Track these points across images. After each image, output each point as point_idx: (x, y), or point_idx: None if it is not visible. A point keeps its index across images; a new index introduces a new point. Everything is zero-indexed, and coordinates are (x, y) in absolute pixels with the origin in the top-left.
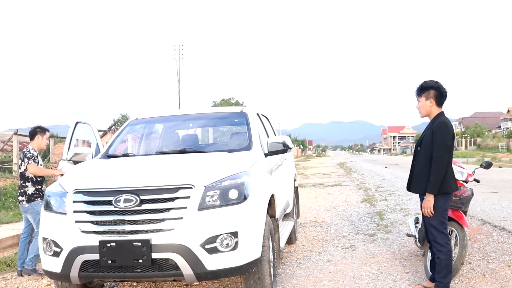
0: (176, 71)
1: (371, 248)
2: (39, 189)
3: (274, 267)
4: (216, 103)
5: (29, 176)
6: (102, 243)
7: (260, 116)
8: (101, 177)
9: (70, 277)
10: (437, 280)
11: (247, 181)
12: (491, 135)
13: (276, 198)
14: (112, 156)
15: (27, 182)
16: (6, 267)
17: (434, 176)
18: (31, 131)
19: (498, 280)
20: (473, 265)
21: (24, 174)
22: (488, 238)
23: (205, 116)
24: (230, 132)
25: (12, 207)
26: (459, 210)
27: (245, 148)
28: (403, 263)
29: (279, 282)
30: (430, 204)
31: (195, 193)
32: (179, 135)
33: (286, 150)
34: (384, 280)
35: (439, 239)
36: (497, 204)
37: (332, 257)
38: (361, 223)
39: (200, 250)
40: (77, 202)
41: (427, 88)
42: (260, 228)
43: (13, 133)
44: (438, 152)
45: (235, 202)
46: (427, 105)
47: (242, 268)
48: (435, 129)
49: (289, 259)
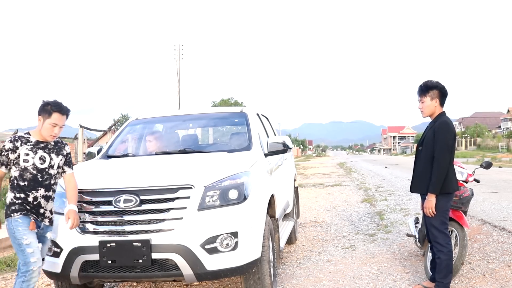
0: (176, 71)
1: (371, 248)
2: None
3: (274, 267)
4: (216, 103)
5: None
6: (102, 243)
7: (260, 116)
8: (101, 177)
9: (70, 277)
10: (437, 280)
11: (247, 181)
12: (491, 135)
13: (276, 198)
14: (112, 156)
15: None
16: (6, 267)
17: (436, 176)
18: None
19: (498, 280)
20: (473, 265)
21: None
22: (488, 238)
23: (205, 116)
24: (230, 132)
25: None
26: (459, 210)
27: (245, 148)
28: (403, 263)
29: (279, 282)
30: (431, 204)
31: (195, 193)
32: (179, 135)
33: (286, 150)
34: (384, 280)
35: (440, 239)
36: (497, 204)
37: (332, 257)
38: (361, 223)
39: (200, 250)
40: (77, 202)
41: (432, 88)
42: (260, 228)
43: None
44: (440, 152)
45: (235, 202)
46: (432, 105)
47: (242, 268)
48: (437, 129)
49: (289, 259)
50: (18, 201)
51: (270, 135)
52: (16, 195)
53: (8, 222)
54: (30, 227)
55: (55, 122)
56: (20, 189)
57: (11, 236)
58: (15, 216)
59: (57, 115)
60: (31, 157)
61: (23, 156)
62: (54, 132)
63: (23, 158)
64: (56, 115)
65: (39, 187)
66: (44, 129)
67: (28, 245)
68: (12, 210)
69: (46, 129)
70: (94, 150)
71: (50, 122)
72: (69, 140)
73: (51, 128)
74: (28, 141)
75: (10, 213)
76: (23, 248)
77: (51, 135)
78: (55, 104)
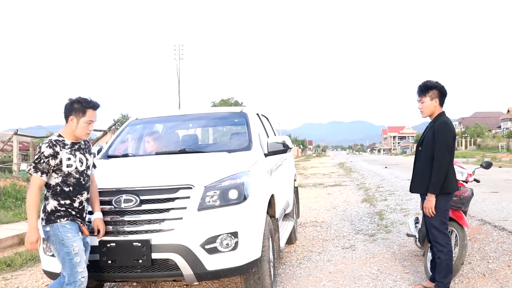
0: (176, 71)
1: (371, 248)
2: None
3: (274, 267)
4: (216, 103)
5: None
6: (102, 243)
7: (260, 116)
8: (101, 177)
9: None
10: (437, 280)
11: (247, 181)
12: (491, 135)
13: (276, 198)
14: (112, 156)
15: (47, 193)
16: (6, 267)
17: (436, 176)
18: (64, 108)
19: (498, 280)
20: (473, 265)
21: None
22: (488, 238)
23: (205, 116)
24: (230, 132)
25: (12, 207)
26: (459, 210)
27: (245, 148)
28: (403, 263)
29: (279, 282)
30: (431, 204)
31: (195, 193)
32: (179, 135)
33: (286, 150)
34: (384, 280)
35: (440, 239)
36: (497, 204)
37: (332, 257)
38: (361, 223)
39: (200, 250)
40: None
41: (431, 88)
42: (260, 228)
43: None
44: (440, 152)
45: (235, 202)
46: (432, 105)
47: (242, 268)
48: (437, 129)
49: (289, 259)
50: (62, 208)
51: (270, 135)
52: (61, 202)
53: (53, 228)
54: (84, 233)
55: (90, 119)
56: (66, 195)
57: (59, 243)
58: (63, 221)
59: (91, 112)
60: (73, 161)
61: (66, 161)
62: (89, 130)
63: (66, 163)
64: (90, 112)
65: (83, 191)
66: (79, 129)
67: (76, 254)
68: (57, 216)
69: (81, 128)
70: (94, 150)
71: (86, 120)
72: None
73: (87, 126)
74: (65, 144)
75: (56, 219)
76: (71, 257)
77: (87, 133)
78: (85, 101)
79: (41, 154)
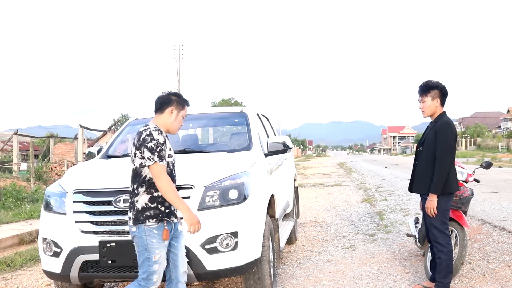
0: (176, 71)
1: (371, 248)
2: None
3: (274, 267)
4: (216, 103)
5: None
6: (102, 243)
7: (260, 116)
8: (101, 177)
9: (70, 277)
10: (437, 280)
11: (247, 181)
12: (491, 135)
13: (276, 198)
14: (112, 156)
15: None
16: (6, 267)
17: (437, 176)
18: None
19: (498, 280)
20: (473, 265)
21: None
22: (488, 238)
23: (205, 116)
24: (230, 132)
25: (12, 207)
26: (459, 210)
27: (245, 148)
28: (403, 263)
29: (279, 282)
30: (433, 204)
31: (195, 193)
32: (179, 135)
33: (286, 150)
34: (384, 280)
35: (440, 239)
36: (497, 204)
37: (332, 257)
38: (361, 223)
39: (200, 250)
40: (77, 203)
41: (433, 88)
42: (260, 228)
43: (13, 133)
44: (442, 152)
45: (235, 202)
46: (433, 105)
47: (242, 268)
48: (439, 129)
49: (289, 259)
50: (153, 205)
51: (270, 135)
52: (154, 194)
53: (139, 229)
54: (163, 237)
55: (186, 114)
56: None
57: (141, 246)
58: (150, 224)
59: (186, 107)
60: (173, 152)
61: (168, 151)
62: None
63: (168, 153)
64: (186, 108)
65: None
66: (177, 121)
67: (156, 262)
68: (146, 216)
69: (179, 121)
70: (94, 150)
71: (184, 113)
72: (69, 140)
73: (182, 120)
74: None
75: (144, 219)
76: (151, 264)
77: (179, 128)
78: (182, 96)
79: (157, 141)
